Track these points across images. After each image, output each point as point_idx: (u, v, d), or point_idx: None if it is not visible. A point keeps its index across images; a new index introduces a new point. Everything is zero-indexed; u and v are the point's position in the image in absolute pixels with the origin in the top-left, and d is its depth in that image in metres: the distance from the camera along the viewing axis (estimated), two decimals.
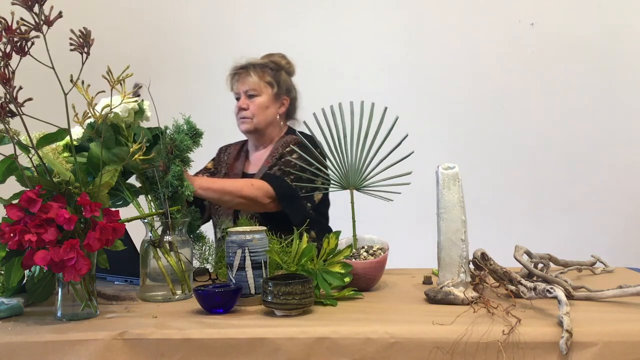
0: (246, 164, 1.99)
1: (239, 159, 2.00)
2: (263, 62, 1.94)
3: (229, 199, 1.68)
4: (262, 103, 1.90)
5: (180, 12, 3.08)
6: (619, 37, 2.80)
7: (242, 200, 1.69)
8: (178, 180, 1.36)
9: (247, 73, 1.90)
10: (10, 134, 1.06)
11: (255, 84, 1.89)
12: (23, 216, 1.02)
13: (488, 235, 1.74)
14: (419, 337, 0.99)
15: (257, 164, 1.94)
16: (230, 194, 1.67)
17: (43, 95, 1.19)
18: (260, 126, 1.91)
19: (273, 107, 1.93)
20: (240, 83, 1.91)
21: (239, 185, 1.72)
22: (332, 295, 1.25)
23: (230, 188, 1.69)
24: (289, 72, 1.98)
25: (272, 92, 1.92)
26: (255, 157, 1.98)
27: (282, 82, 1.94)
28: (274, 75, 1.93)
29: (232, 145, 2.07)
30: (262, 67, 1.92)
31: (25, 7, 1.01)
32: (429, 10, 2.92)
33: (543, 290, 1.08)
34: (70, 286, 1.11)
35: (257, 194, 1.70)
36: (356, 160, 1.41)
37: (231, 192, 1.68)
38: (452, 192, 1.21)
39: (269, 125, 1.93)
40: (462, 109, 2.89)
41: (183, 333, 1.01)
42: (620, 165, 2.81)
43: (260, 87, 1.90)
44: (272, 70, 1.93)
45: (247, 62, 1.93)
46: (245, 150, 2.03)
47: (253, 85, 1.89)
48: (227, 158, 2.01)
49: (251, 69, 1.91)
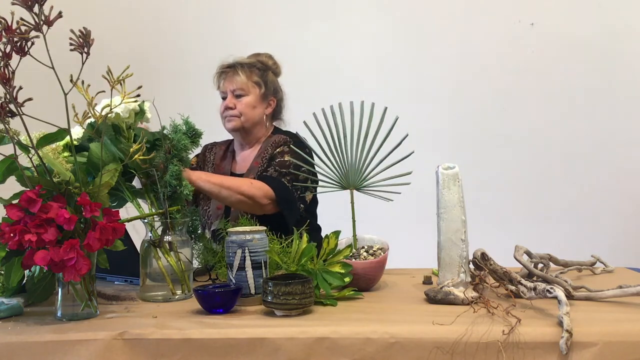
0: (233, 163, 1.98)
1: (226, 158, 1.99)
2: (250, 61, 1.93)
3: (227, 194, 1.66)
4: (249, 102, 1.89)
5: (180, 12, 3.08)
6: (619, 37, 2.80)
7: (241, 197, 1.67)
8: (176, 180, 1.36)
9: (234, 72, 1.89)
10: (10, 134, 1.06)
11: (243, 83, 1.88)
12: (23, 216, 1.02)
13: (488, 235, 1.74)
14: (419, 337, 0.99)
15: (245, 163, 1.94)
16: (229, 189, 1.66)
17: (43, 95, 1.19)
18: (247, 125, 1.90)
19: (260, 107, 1.92)
20: (227, 82, 1.90)
21: (238, 183, 1.71)
22: (332, 295, 1.25)
23: (229, 183, 1.68)
24: (275, 73, 1.98)
25: (260, 92, 1.91)
26: (241, 156, 1.97)
27: (269, 83, 1.94)
28: (262, 75, 1.92)
29: (218, 144, 2.05)
30: (249, 66, 1.91)
31: (25, 7, 1.01)
32: (429, 10, 2.92)
33: (543, 290, 1.08)
34: (70, 286, 1.11)
35: (256, 193, 1.69)
36: (356, 160, 1.41)
37: (230, 187, 1.66)
38: (452, 192, 1.21)
39: (256, 124, 1.92)
40: (462, 108, 2.89)
41: (183, 333, 1.01)
42: (620, 165, 2.81)
43: (248, 87, 1.89)
44: (260, 70, 1.92)
45: (234, 61, 1.91)
46: (231, 150, 2.01)
47: (241, 85, 1.88)
48: (214, 158, 2.00)
49: (239, 68, 1.89)
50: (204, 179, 1.63)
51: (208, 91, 1.98)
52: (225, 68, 1.91)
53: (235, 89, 1.88)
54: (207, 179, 1.64)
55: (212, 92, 1.98)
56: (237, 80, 1.88)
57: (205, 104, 2.05)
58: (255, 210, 1.72)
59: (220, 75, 1.92)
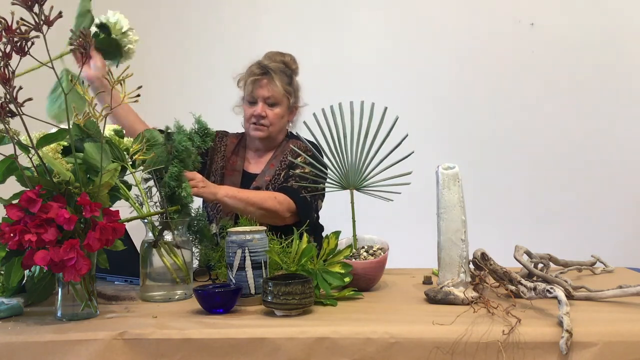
0: (246, 162, 1.98)
1: (238, 154, 1.98)
2: (281, 67, 1.90)
3: (252, 210, 1.69)
4: (279, 113, 1.89)
5: (182, 12, 3.08)
6: (619, 37, 2.80)
7: (264, 212, 1.71)
8: (175, 181, 1.35)
9: (270, 80, 1.86)
10: (10, 134, 1.06)
11: (277, 92, 1.87)
12: (23, 216, 1.02)
13: (488, 235, 1.74)
14: (419, 337, 0.99)
15: (259, 165, 1.94)
16: (254, 205, 1.70)
17: (43, 95, 1.19)
18: (273, 135, 1.92)
19: (286, 117, 1.94)
20: (261, 89, 1.86)
21: (262, 197, 1.74)
22: (332, 295, 1.25)
23: (254, 199, 1.71)
24: (296, 75, 1.98)
25: (289, 102, 1.91)
26: (255, 156, 1.98)
27: (296, 92, 1.95)
28: (290, 83, 1.91)
29: (230, 135, 2.03)
30: (282, 73, 1.89)
31: (25, 7, 1.01)
32: (429, 10, 2.92)
33: (543, 290, 1.08)
34: (70, 286, 1.11)
35: (279, 208, 1.74)
36: (356, 160, 1.41)
37: (255, 203, 1.70)
38: (452, 192, 1.21)
39: (280, 132, 1.95)
40: (462, 108, 2.89)
41: (183, 333, 1.01)
42: (621, 165, 2.81)
43: (281, 97, 1.88)
44: (288, 78, 1.91)
45: (268, 67, 1.88)
46: (243, 145, 2.01)
47: (275, 94, 1.87)
48: (224, 149, 1.99)
49: (274, 76, 1.86)
50: (231, 195, 1.67)
51: (208, 91, 1.98)
52: (260, 74, 1.87)
53: (269, 97, 1.87)
54: (233, 196, 1.68)
55: (211, 92, 1.98)
56: (272, 89, 1.86)
57: (205, 104, 2.04)
58: (276, 222, 1.75)
59: (255, 81, 1.87)
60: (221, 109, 1.98)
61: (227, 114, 2.01)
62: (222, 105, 2.00)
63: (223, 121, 1.96)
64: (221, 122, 1.93)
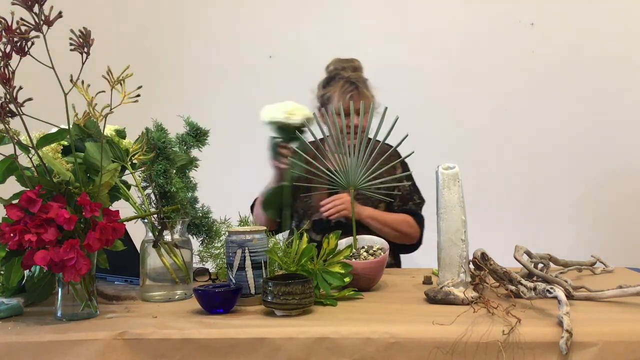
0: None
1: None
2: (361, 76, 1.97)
3: (387, 231, 1.86)
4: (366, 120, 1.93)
5: (180, 12, 3.08)
6: (619, 37, 2.80)
7: (397, 234, 1.87)
8: (163, 178, 1.35)
9: (361, 91, 1.92)
10: (10, 134, 1.06)
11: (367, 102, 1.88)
12: (23, 216, 1.01)
13: (488, 235, 1.74)
14: (419, 337, 0.99)
15: None
16: (389, 227, 1.87)
17: (43, 95, 1.19)
18: None
19: None
20: (355, 100, 1.89)
21: (398, 221, 1.89)
22: (332, 295, 1.25)
23: (391, 222, 1.88)
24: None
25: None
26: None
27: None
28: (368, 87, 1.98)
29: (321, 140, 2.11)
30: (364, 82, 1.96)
31: (25, 7, 1.01)
32: (429, 10, 2.92)
33: (543, 290, 1.08)
34: (70, 286, 1.11)
35: (410, 232, 1.92)
36: (356, 160, 1.41)
37: (390, 225, 1.87)
38: (452, 192, 1.21)
39: None
40: (462, 109, 2.89)
41: (183, 333, 1.01)
42: (621, 165, 2.81)
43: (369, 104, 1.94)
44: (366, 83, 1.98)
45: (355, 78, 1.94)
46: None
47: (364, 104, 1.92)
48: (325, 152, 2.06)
49: (363, 87, 1.93)
50: (373, 217, 1.86)
51: (208, 91, 1.98)
52: (351, 86, 1.93)
53: (358, 108, 1.86)
54: (375, 217, 1.86)
55: (211, 92, 1.97)
56: (364, 100, 1.87)
57: (205, 104, 2.04)
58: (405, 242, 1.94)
59: (347, 92, 1.92)
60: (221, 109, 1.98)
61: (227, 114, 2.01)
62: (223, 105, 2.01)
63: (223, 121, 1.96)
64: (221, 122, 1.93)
